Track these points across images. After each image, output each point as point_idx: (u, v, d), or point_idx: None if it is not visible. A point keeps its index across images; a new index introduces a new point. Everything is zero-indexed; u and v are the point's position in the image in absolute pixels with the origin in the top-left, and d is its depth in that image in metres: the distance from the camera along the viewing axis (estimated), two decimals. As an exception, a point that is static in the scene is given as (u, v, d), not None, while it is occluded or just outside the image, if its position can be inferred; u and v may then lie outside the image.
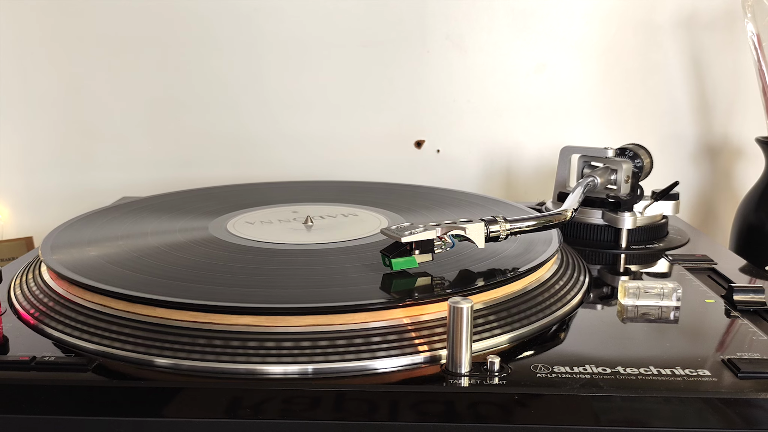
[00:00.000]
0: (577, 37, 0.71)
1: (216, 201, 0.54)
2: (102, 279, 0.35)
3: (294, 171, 0.73)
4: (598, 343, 0.33)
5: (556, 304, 0.37)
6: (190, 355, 0.30)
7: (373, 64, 0.71)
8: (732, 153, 0.73)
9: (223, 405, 0.28)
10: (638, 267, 0.46)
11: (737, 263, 0.47)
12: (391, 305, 0.32)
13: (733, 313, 0.37)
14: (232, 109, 0.72)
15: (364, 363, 0.30)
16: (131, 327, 0.32)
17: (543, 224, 0.41)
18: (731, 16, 0.68)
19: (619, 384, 0.29)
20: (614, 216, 0.50)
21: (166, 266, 0.38)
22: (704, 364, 0.30)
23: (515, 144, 0.74)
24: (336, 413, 0.28)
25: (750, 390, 0.28)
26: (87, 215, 0.50)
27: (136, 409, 0.28)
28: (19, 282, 0.40)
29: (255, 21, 0.70)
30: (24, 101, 0.72)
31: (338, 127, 0.73)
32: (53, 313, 0.35)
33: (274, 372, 0.29)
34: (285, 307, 0.31)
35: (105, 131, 0.73)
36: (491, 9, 0.70)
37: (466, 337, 0.29)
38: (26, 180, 0.73)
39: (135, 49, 0.71)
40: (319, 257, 0.40)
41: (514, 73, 0.72)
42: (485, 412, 0.28)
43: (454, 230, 0.37)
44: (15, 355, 0.31)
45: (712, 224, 0.75)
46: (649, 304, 0.38)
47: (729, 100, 0.72)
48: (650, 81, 0.72)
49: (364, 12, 0.70)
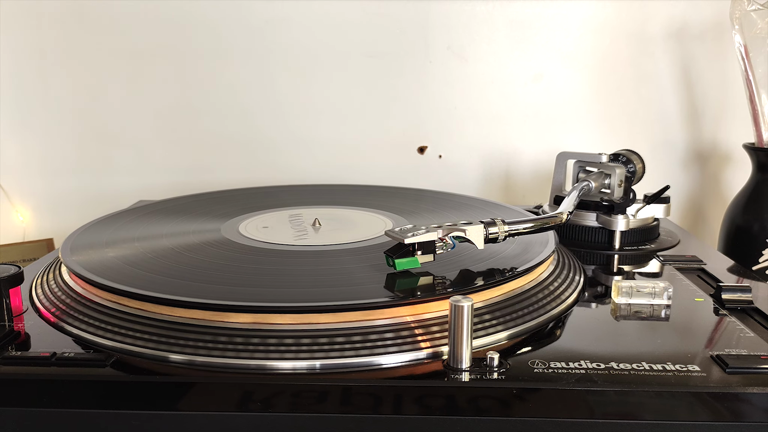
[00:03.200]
0: (572, 47, 0.71)
1: (228, 204, 0.54)
2: (119, 279, 0.35)
3: (303, 175, 0.73)
4: (592, 340, 0.34)
5: (553, 303, 0.37)
6: (202, 351, 0.30)
7: (378, 74, 0.72)
8: (720, 158, 0.73)
9: (235, 399, 0.29)
10: (631, 267, 0.47)
11: (725, 263, 0.47)
12: (394, 304, 0.33)
13: (721, 311, 0.37)
14: (243, 116, 0.73)
15: (370, 359, 0.30)
16: (147, 325, 0.33)
17: (540, 226, 0.41)
18: (720, 28, 0.69)
19: (613, 379, 0.29)
20: (608, 218, 0.50)
21: (180, 267, 0.38)
22: (694, 360, 0.31)
23: (514, 150, 0.74)
24: (342, 407, 0.28)
25: (737, 384, 0.29)
26: (105, 218, 0.50)
27: (151, 403, 0.29)
28: (40, 282, 0.40)
29: (265, 32, 0.71)
30: (45, 110, 0.73)
31: (345, 133, 0.73)
32: (73, 311, 0.35)
33: (284, 367, 0.30)
34: (294, 306, 0.32)
35: (122, 138, 0.73)
36: (491, 21, 0.71)
37: (466, 334, 0.29)
38: (47, 184, 0.74)
39: (150, 60, 0.71)
40: (327, 258, 0.40)
41: (512, 82, 0.72)
42: (485, 405, 0.28)
43: (454, 232, 0.37)
44: (36, 352, 0.31)
45: (702, 226, 0.75)
46: (642, 303, 0.38)
47: (718, 108, 0.72)
48: (642, 90, 0.72)
49: (370, 24, 0.70)
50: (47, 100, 0.73)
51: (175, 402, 0.29)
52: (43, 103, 0.73)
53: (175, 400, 0.29)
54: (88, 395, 0.29)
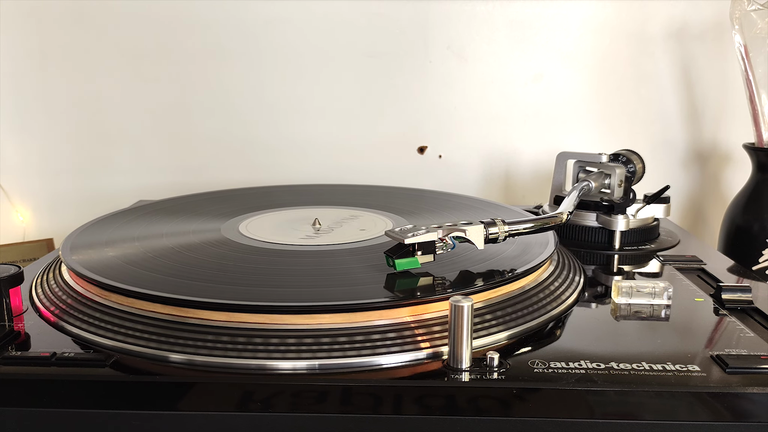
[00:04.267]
0: (572, 47, 0.72)
1: (228, 204, 0.54)
2: (119, 278, 0.35)
3: (303, 175, 0.73)
4: (592, 340, 0.34)
5: (553, 303, 0.37)
6: (203, 351, 0.30)
7: (378, 74, 0.72)
8: (720, 158, 0.74)
9: (235, 399, 0.29)
10: (631, 267, 0.47)
11: (725, 263, 0.47)
12: (395, 304, 0.33)
13: (721, 311, 0.38)
14: (243, 116, 0.73)
15: (370, 359, 0.30)
16: (147, 324, 0.33)
17: (540, 227, 0.41)
18: (720, 28, 0.69)
19: (613, 379, 0.29)
20: (608, 218, 0.51)
21: (180, 266, 0.38)
22: (694, 360, 0.31)
23: (513, 150, 0.74)
24: (342, 407, 0.28)
25: (737, 384, 0.29)
26: (104, 217, 0.50)
27: (151, 403, 0.29)
28: (40, 281, 0.40)
29: (265, 33, 0.71)
30: (45, 110, 0.73)
31: (345, 133, 0.73)
32: (73, 311, 0.35)
33: (284, 367, 0.30)
34: (294, 306, 0.32)
35: (122, 138, 0.74)
36: (491, 21, 0.71)
37: (466, 334, 0.29)
38: (47, 184, 0.74)
39: (150, 60, 0.71)
40: (327, 258, 0.40)
41: (512, 82, 0.72)
42: (485, 405, 0.28)
43: (454, 232, 0.37)
44: (36, 352, 0.31)
45: (702, 226, 0.75)
46: (642, 303, 0.38)
47: (717, 108, 0.72)
48: (642, 90, 0.72)
49: (370, 24, 0.70)
50: (47, 100, 0.73)
51: (175, 402, 0.29)
52: (42, 103, 0.73)
53: (175, 400, 0.29)
54: (88, 395, 0.29)
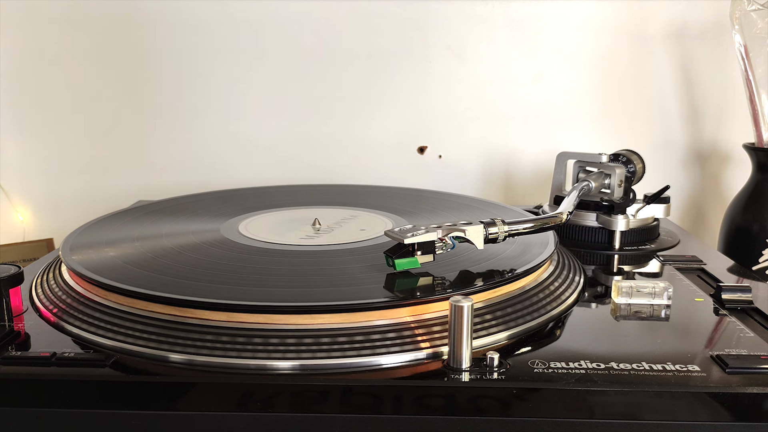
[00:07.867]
0: (572, 47, 0.72)
1: (228, 204, 0.54)
2: (119, 278, 0.35)
3: (303, 175, 0.74)
4: (592, 340, 0.34)
5: (553, 303, 0.37)
6: (203, 351, 0.30)
7: (378, 74, 0.72)
8: (720, 158, 0.74)
9: (235, 399, 0.29)
10: (631, 267, 0.47)
11: (725, 263, 0.47)
12: (394, 304, 0.33)
13: (721, 311, 0.38)
14: (243, 116, 0.73)
15: (370, 359, 0.30)
16: (147, 324, 0.33)
17: (540, 227, 0.41)
18: (720, 28, 0.69)
19: (613, 379, 0.29)
20: (608, 218, 0.51)
21: (180, 266, 0.38)
22: (694, 360, 0.31)
23: (513, 150, 0.74)
24: (343, 407, 0.28)
25: (737, 384, 0.29)
26: (104, 218, 0.50)
27: (151, 403, 0.29)
28: (40, 281, 0.40)
29: (265, 32, 0.71)
30: (45, 110, 0.73)
31: (345, 133, 0.74)
32: (73, 311, 0.35)
33: (284, 367, 0.30)
34: (294, 306, 0.32)
35: (121, 138, 0.74)
36: (490, 21, 0.71)
37: (466, 334, 0.29)
38: (47, 184, 0.74)
39: (150, 60, 0.72)
40: (327, 258, 0.40)
41: (512, 82, 0.72)
42: (485, 405, 0.28)
43: (454, 232, 0.37)
44: (36, 352, 0.31)
45: (702, 226, 0.75)
46: (642, 303, 0.38)
47: (717, 108, 0.72)
48: (642, 90, 0.72)
49: (369, 24, 0.71)
50: (47, 100, 0.73)
51: (175, 402, 0.29)
52: (42, 103, 0.73)
53: (175, 400, 0.29)
54: (88, 395, 0.29)
